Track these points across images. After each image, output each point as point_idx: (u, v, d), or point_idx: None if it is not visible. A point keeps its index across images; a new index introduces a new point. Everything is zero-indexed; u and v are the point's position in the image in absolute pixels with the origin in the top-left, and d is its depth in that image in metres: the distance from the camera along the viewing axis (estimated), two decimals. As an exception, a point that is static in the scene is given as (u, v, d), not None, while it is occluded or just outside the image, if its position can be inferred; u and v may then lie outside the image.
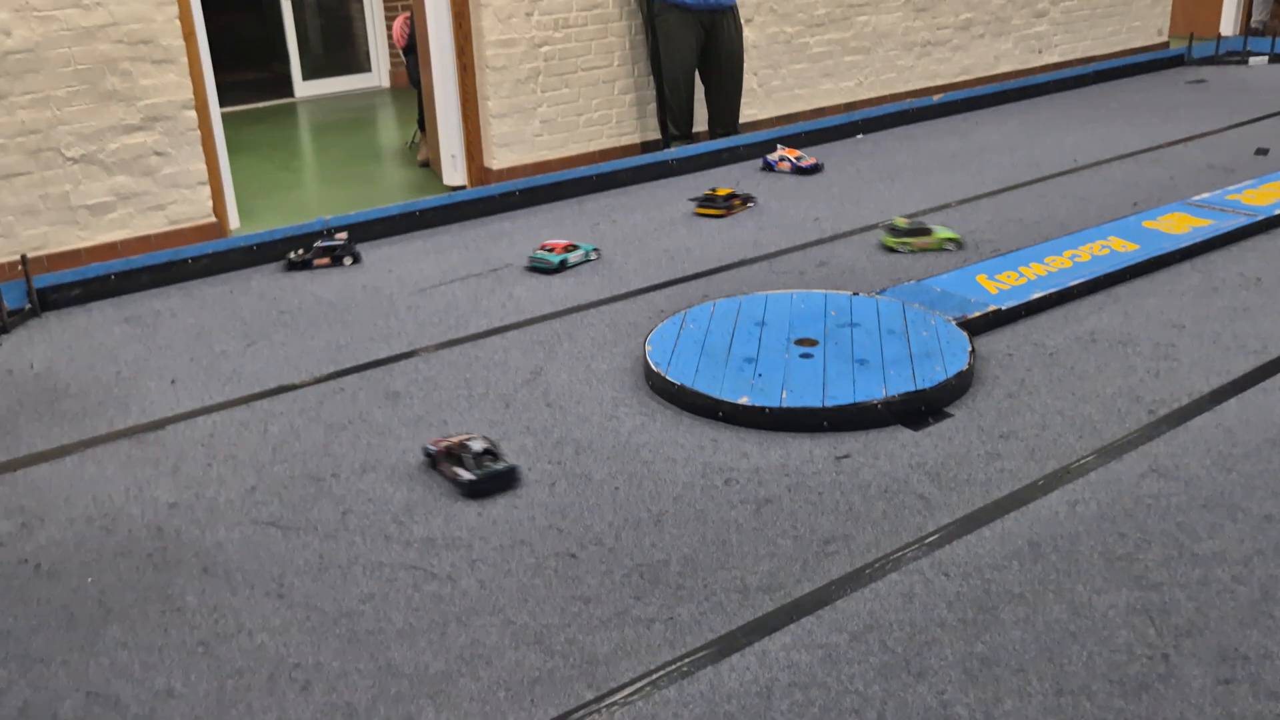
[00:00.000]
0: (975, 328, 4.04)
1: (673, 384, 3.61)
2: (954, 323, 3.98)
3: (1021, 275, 4.44)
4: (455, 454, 3.23)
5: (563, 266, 4.97)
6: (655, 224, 5.50)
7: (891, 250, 4.86)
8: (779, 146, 6.44)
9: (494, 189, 5.80)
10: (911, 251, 4.81)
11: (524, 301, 4.57)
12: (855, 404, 3.43)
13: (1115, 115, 7.28)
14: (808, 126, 6.86)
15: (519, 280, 4.79)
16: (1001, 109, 7.60)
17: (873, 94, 7.65)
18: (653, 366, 3.72)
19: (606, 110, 6.60)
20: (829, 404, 3.43)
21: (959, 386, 3.60)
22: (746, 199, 5.83)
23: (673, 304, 4.46)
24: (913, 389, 3.50)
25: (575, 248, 5.04)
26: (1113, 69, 8.39)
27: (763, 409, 3.44)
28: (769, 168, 6.28)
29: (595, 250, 5.07)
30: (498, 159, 6.27)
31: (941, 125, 7.22)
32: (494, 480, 3.18)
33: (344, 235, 5.17)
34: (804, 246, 5.08)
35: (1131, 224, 5.00)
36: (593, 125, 6.55)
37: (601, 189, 6.07)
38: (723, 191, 5.85)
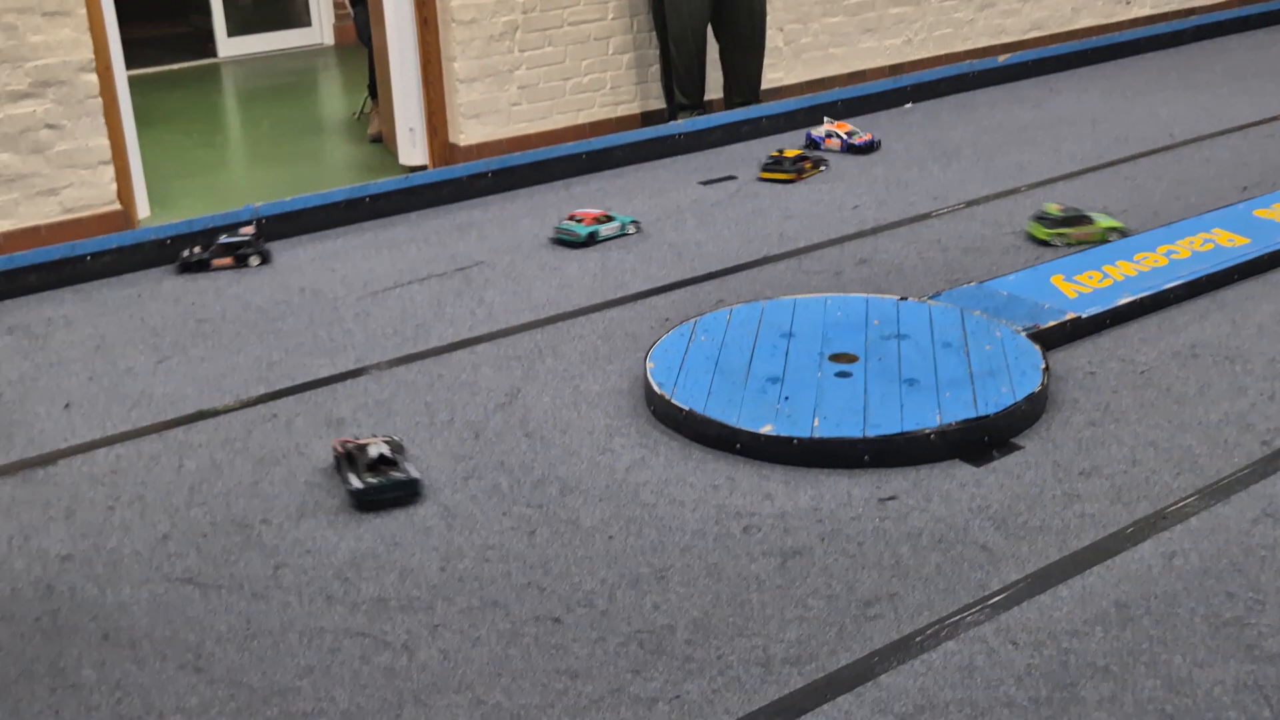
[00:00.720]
0: (1050, 340, 4.05)
1: (680, 409, 3.62)
2: (1024, 334, 3.99)
3: (1106, 276, 4.46)
4: (352, 457, 3.37)
5: (592, 240, 5.16)
6: (659, 213, 5.52)
7: (1044, 243, 4.88)
8: (826, 120, 6.46)
9: (461, 170, 5.83)
10: (1068, 244, 4.83)
11: (498, 307, 4.58)
12: (903, 434, 3.44)
13: (1221, 80, 7.32)
14: (844, 94, 6.89)
15: (492, 281, 4.81)
16: (1081, 73, 7.63)
17: (924, 54, 7.68)
18: (655, 388, 3.73)
19: (599, 74, 6.61)
20: (871, 434, 3.44)
21: (1030, 412, 3.61)
22: (819, 162, 6.00)
23: (680, 310, 4.47)
24: (973, 415, 3.51)
25: (609, 219, 5.25)
26: (1218, 23, 8.43)
27: (790, 440, 3.45)
28: (814, 145, 6.31)
29: (634, 223, 5.28)
30: (466, 133, 6.28)
31: (1008, 92, 7.25)
32: (386, 492, 3.32)
33: (251, 229, 5.16)
34: (840, 240, 5.10)
35: (1241, 213, 5.02)
36: (582, 92, 6.56)
37: (593, 170, 6.09)
38: (791, 153, 6.00)
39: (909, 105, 7.03)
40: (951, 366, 3.78)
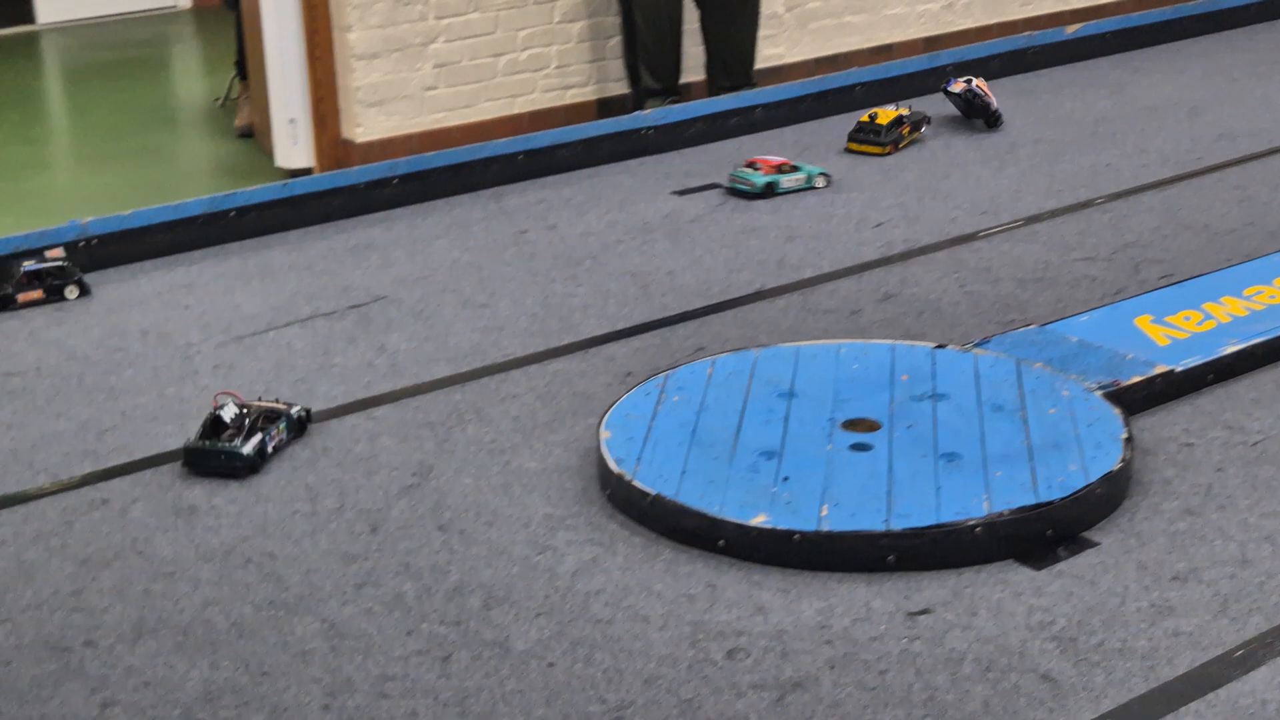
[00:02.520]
0: (1134, 402, 4.06)
1: (644, 494, 3.61)
2: (1099, 394, 4.00)
3: (1208, 317, 4.48)
4: (217, 418, 3.96)
5: (771, 191, 5.67)
6: (619, 231, 5.53)
7: None
8: (953, 79, 6.53)
9: (358, 174, 5.84)
10: None
11: (404, 356, 4.57)
12: (940, 526, 3.44)
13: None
14: (865, 76, 6.94)
15: (398, 322, 4.81)
16: (1176, 48, 7.73)
17: (969, 24, 7.75)
18: (612, 465, 3.72)
19: (542, 49, 6.64)
20: (897, 526, 3.43)
21: (1107, 497, 3.61)
22: (919, 123, 6.20)
23: (646, 361, 4.47)
24: (1032, 502, 3.50)
25: (794, 168, 5.78)
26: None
27: (790, 535, 3.44)
28: (978, 106, 6.42)
29: (823, 175, 5.83)
30: (365, 126, 6.29)
31: (1079, 73, 7.31)
32: (209, 459, 3.92)
33: (59, 251, 5.14)
34: (859, 269, 5.12)
35: (1384, 234, 5.09)
36: (520, 73, 6.59)
37: (533, 174, 6.11)
38: (886, 116, 6.13)
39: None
40: (1004, 437, 3.78)
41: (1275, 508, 3.62)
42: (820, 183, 5.82)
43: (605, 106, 6.80)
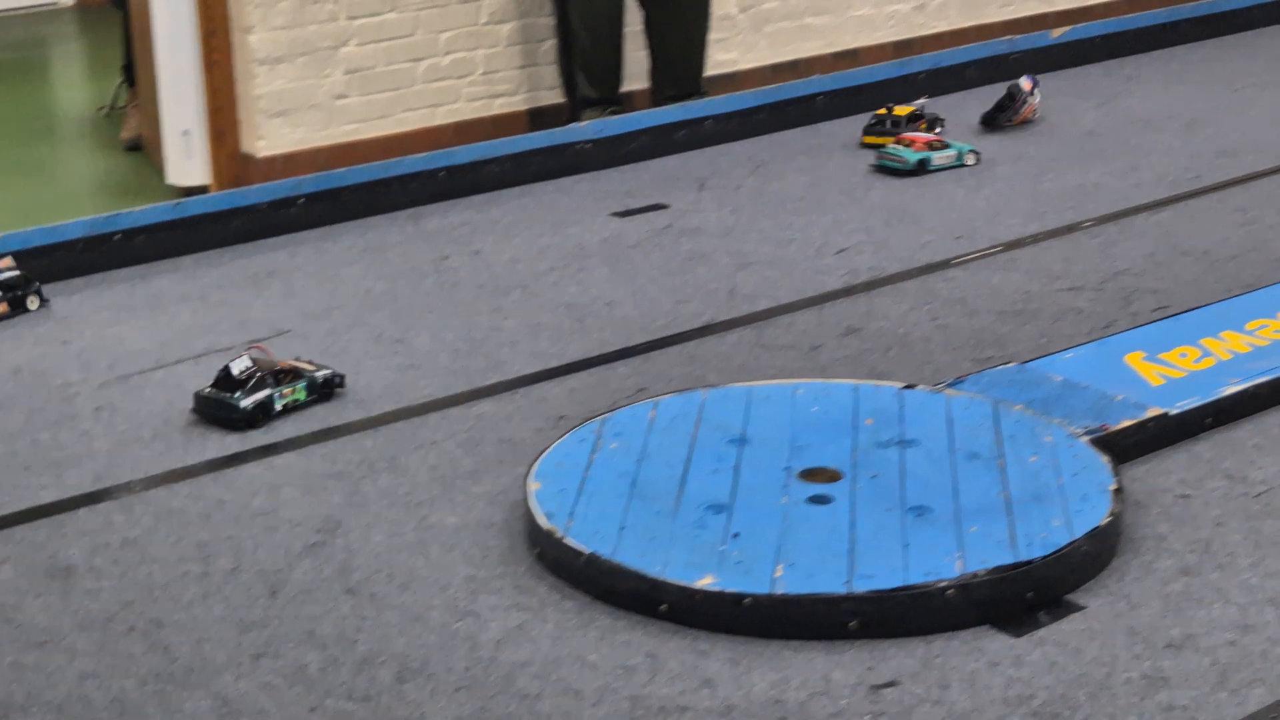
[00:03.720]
0: (1124, 448, 4.07)
1: (578, 553, 3.60)
2: (1086, 439, 4.01)
3: (1207, 354, 4.50)
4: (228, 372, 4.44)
5: (922, 168, 6.15)
6: (552, 257, 5.54)
7: None
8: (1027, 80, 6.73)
9: (259, 193, 5.84)
10: None
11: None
12: (907, 588, 3.43)
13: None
14: (828, 84, 6.98)
15: (309, 357, 4.77)
16: (1173, 55, 7.80)
17: (943, 26, 7.80)
18: (541, 521, 3.71)
19: (467, 53, 6.64)
20: (860, 588, 3.42)
21: (1094, 556, 3.62)
22: (935, 121, 6.59)
23: (581, 403, 4.47)
24: (1011, 561, 3.50)
25: (944, 145, 6.27)
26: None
27: (740, 598, 3.43)
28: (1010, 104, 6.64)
29: (973, 152, 6.30)
30: (267, 139, 6.28)
31: (1066, 82, 7.36)
32: (212, 409, 4.41)
33: (8, 261, 5.21)
34: (819, 300, 5.14)
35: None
36: (442, 80, 6.59)
37: (456, 194, 6.12)
38: (902, 110, 6.54)
39: (922, 101, 7.10)
40: (980, 488, 3.78)
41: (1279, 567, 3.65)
42: (970, 160, 6.26)
43: (537, 117, 6.82)
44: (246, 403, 4.36)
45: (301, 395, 4.48)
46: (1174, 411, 4.19)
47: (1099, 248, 5.48)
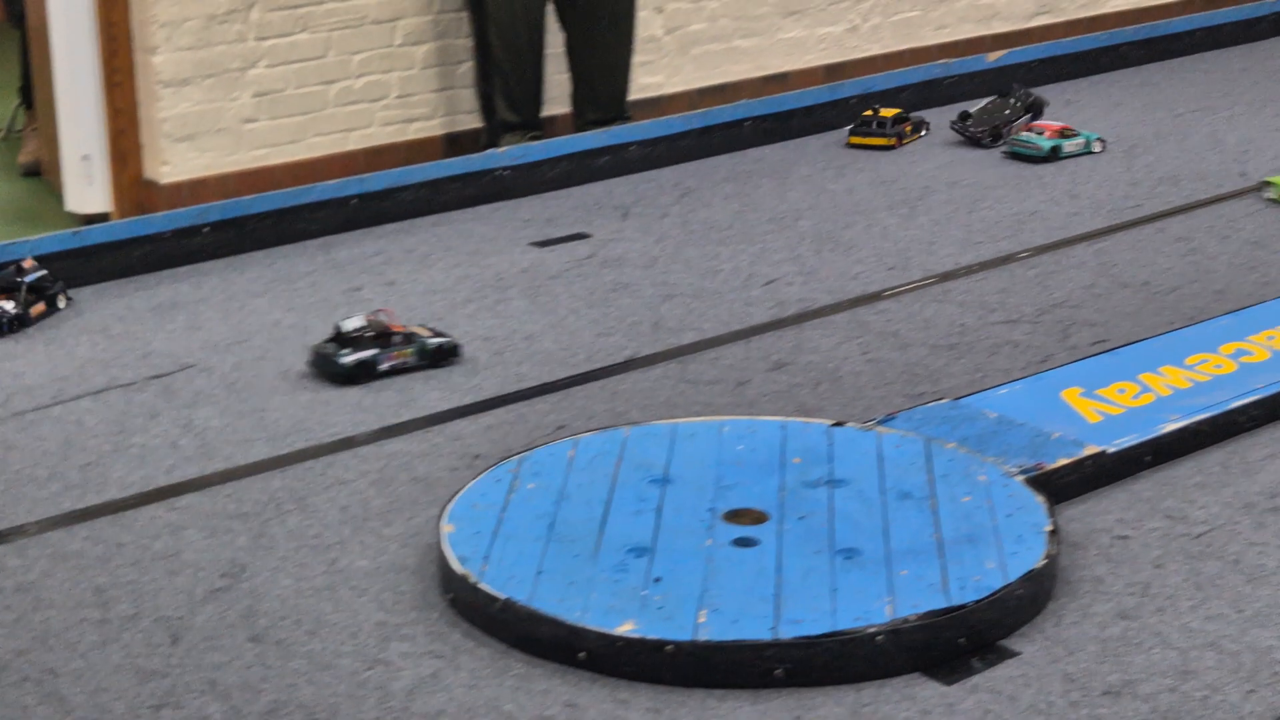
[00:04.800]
0: (1061, 487, 4.10)
1: (493, 598, 3.59)
2: (1021, 479, 4.03)
3: (1146, 389, 4.54)
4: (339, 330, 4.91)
5: (1054, 155, 6.64)
6: (468, 288, 5.55)
7: None
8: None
9: (163, 221, 5.82)
10: None
11: (215, 436, 4.56)
12: (836, 635, 3.43)
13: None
14: (757, 109, 7.02)
15: (207, 394, 4.80)
16: (1112, 79, 7.87)
17: (876, 49, 7.84)
18: (455, 564, 3.70)
19: (381, 75, 6.63)
20: (786, 634, 3.42)
21: (1029, 599, 3.63)
22: (920, 125, 7.06)
23: (497, 441, 4.48)
24: (943, 605, 3.52)
25: (1074, 133, 6.74)
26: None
27: (662, 645, 3.42)
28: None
29: (1099, 140, 6.79)
30: (172, 164, 6.27)
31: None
32: (321, 365, 4.86)
33: (33, 262, 5.34)
34: (746, 333, 5.17)
35: (1347, 294, 5.17)
36: (354, 103, 6.57)
37: (368, 222, 6.12)
38: (889, 112, 6.91)
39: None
40: (911, 529, 3.79)
41: (1222, 609, 3.64)
42: (1097, 147, 6.74)
43: (454, 143, 6.82)
44: (349, 359, 4.79)
45: (411, 359, 4.88)
46: (1112, 449, 4.22)
47: (1036, 279, 5.53)
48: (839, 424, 4.32)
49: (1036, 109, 7.00)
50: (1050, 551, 3.72)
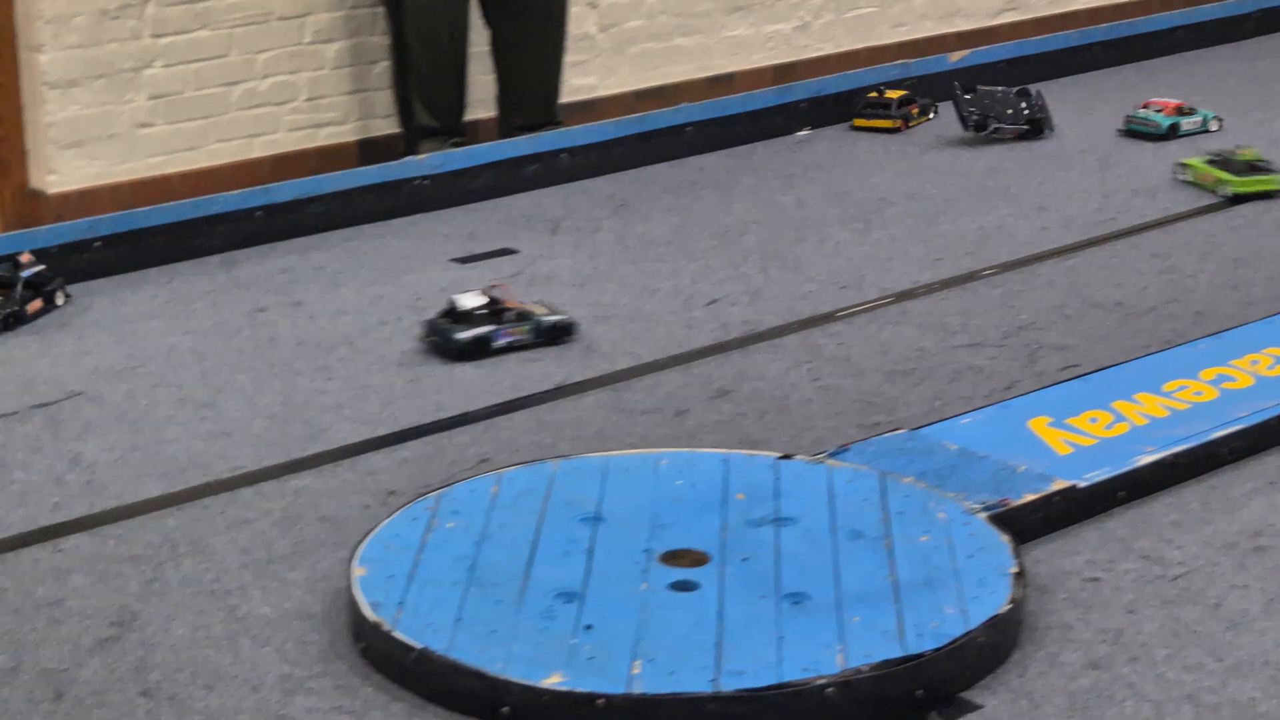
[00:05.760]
0: (1027, 525, 4.08)
1: (408, 648, 3.56)
2: (984, 516, 4.02)
3: (1120, 419, 4.52)
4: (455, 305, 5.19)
5: (1173, 133, 6.97)
6: (383, 309, 5.53)
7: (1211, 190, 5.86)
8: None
9: (49, 235, 5.79)
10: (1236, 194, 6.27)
11: (104, 470, 4.52)
12: (782, 686, 3.41)
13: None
14: (699, 113, 7.01)
15: (96, 426, 4.76)
16: (1083, 81, 7.90)
17: (828, 49, 7.86)
18: (367, 611, 3.68)
19: (289, 76, 6.62)
20: (728, 686, 3.40)
21: (992, 648, 3.61)
22: (928, 107, 7.27)
23: (413, 477, 4.45)
24: (899, 654, 3.49)
25: (1191, 111, 7.08)
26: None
27: (593, 699, 3.40)
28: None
29: (1217, 119, 7.12)
30: (60, 173, 6.23)
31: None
32: (430, 334, 5.16)
33: (30, 257, 5.53)
34: (686, 358, 5.15)
35: (1335, 316, 5.20)
36: (260, 107, 6.56)
37: (275, 236, 6.10)
38: (895, 93, 7.15)
39: (804, 133, 7.14)
40: (864, 572, 3.77)
41: (1200, 658, 3.63)
42: (1214, 126, 7.08)
43: (369, 149, 6.81)
44: (464, 335, 5.08)
45: (527, 336, 5.13)
46: (1083, 484, 4.20)
47: (1001, 299, 5.52)
48: (786, 457, 4.31)
49: (1036, 128, 7.07)
50: (1015, 596, 3.71)
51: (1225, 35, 8.49)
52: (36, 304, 5.48)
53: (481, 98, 6.94)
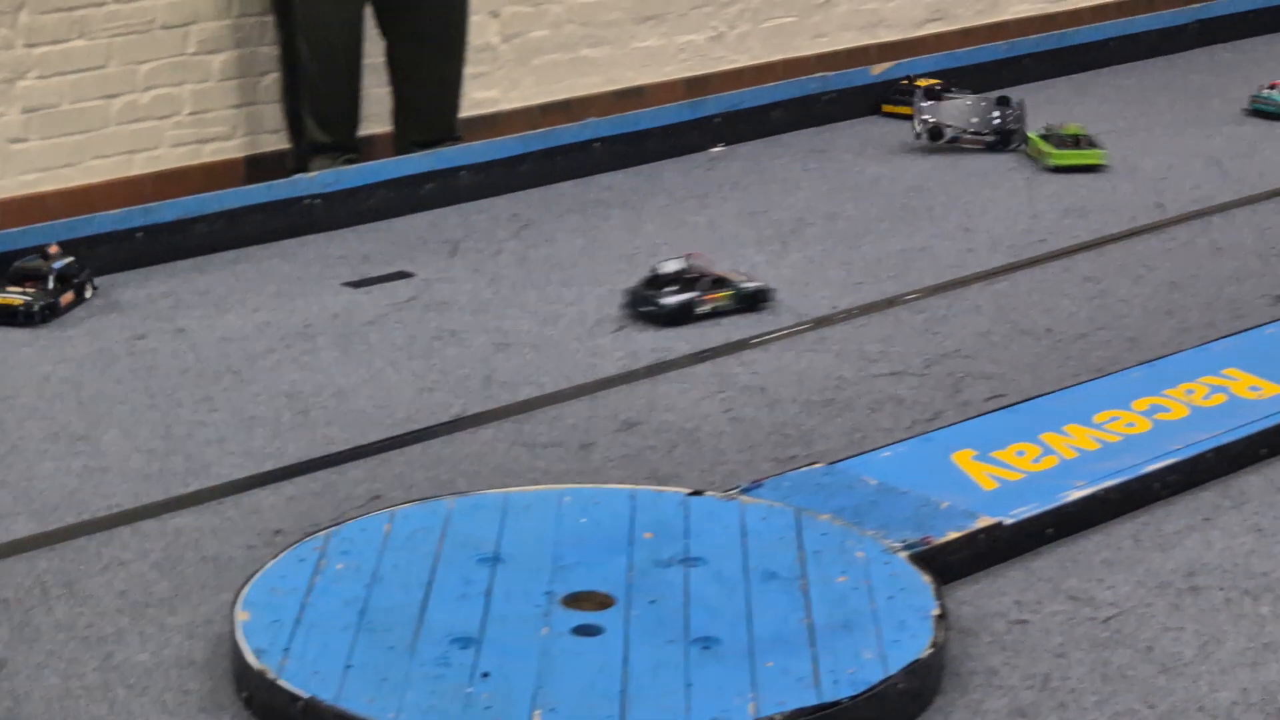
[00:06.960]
0: (950, 565, 4.10)
1: (294, 696, 3.56)
2: (905, 555, 4.04)
3: (1048, 452, 4.55)
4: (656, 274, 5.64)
5: None
6: (270, 336, 5.53)
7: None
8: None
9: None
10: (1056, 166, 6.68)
11: (-33, 509, 4.51)
12: (690, 736, 3.45)
13: (1242, 107, 7.66)
14: (606, 129, 7.04)
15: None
16: (1012, 95, 7.87)
17: (744, 60, 7.89)
18: (251, 658, 3.67)
19: (172, 89, 6.61)
20: (633, 736, 3.44)
21: (913, 695, 3.63)
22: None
23: (301, 515, 4.45)
24: (814, 702, 3.50)
25: None
26: (1242, 15, 8.81)
27: (490, 750, 3.42)
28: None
29: None
30: (-78, 191, 6.22)
31: (889, 128, 7.45)
32: (635, 303, 5.55)
33: (58, 249, 5.76)
34: (591, 388, 5.17)
35: (1274, 341, 5.23)
36: (141, 121, 6.55)
37: (155, 259, 6.08)
38: (924, 82, 7.44)
39: (718, 149, 7.15)
40: (778, 615, 3.78)
41: (1132, 704, 3.66)
42: None
43: (256, 166, 6.80)
44: (669, 301, 5.49)
45: (727, 303, 5.55)
46: (1009, 521, 4.23)
47: (924, 325, 5.55)
48: (696, 493, 4.32)
49: (1004, 139, 7.20)
50: (937, 639, 3.72)
51: (1160, 48, 8.54)
52: (69, 296, 5.70)
53: (376, 112, 6.94)
